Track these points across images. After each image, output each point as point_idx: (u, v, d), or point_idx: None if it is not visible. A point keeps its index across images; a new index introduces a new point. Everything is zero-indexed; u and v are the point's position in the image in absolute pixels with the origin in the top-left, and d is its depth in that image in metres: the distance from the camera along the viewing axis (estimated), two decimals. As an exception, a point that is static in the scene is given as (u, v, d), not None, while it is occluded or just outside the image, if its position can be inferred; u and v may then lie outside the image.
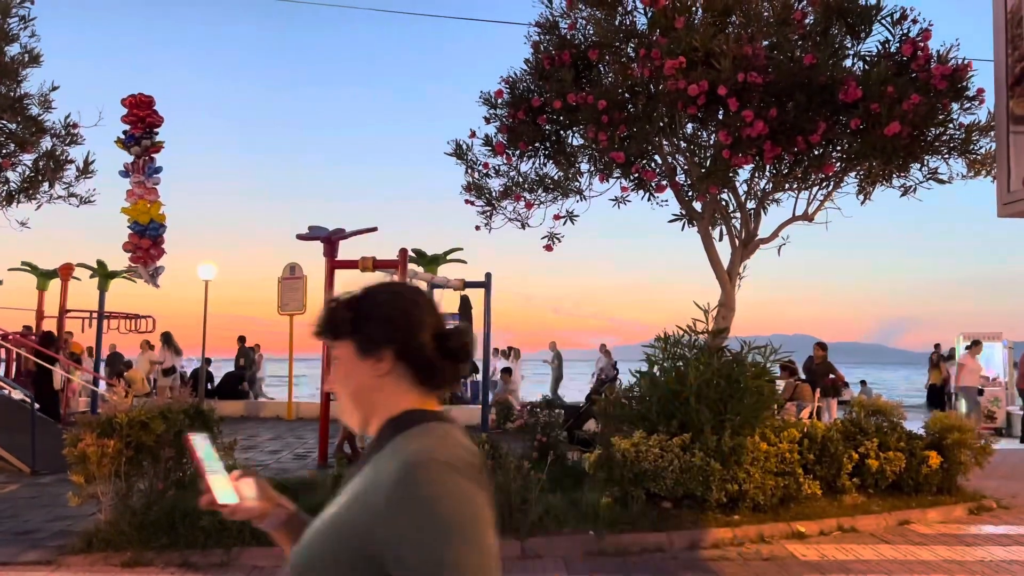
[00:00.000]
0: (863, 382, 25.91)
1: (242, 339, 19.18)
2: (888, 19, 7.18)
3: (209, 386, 18.01)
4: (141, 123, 17.24)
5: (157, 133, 17.77)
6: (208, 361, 18.16)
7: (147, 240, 16.37)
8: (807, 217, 8.45)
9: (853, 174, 8.24)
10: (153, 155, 17.45)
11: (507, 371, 17.84)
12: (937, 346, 19.78)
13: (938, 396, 18.87)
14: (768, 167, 7.97)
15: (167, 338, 16.32)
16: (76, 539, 6.29)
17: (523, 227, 9.11)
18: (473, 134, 8.82)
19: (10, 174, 9.09)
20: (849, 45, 7.53)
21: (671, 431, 7.29)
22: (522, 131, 8.46)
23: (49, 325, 16.58)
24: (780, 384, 10.72)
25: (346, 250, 11.18)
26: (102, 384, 16.04)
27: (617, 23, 7.96)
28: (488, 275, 14.46)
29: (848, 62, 7.59)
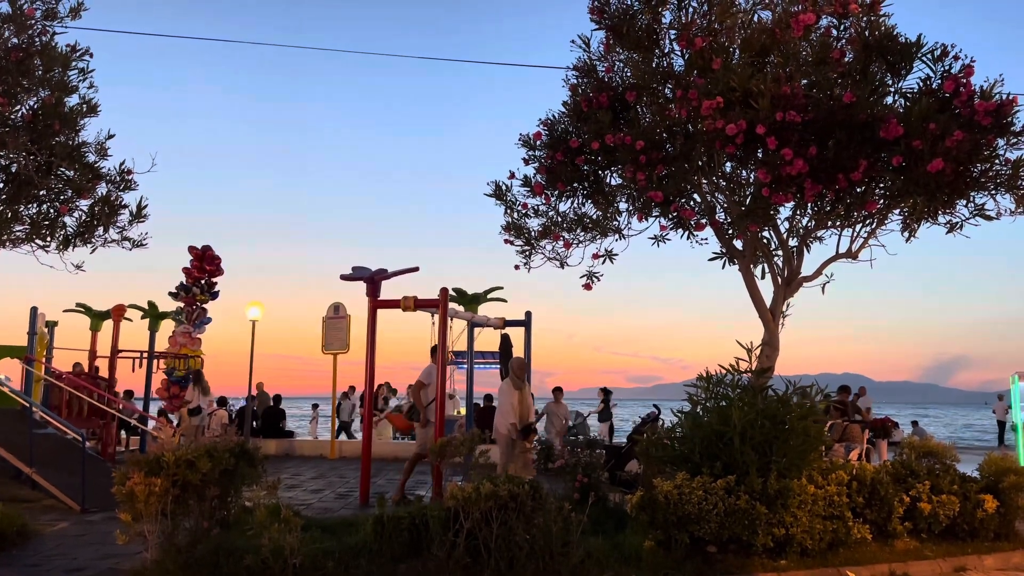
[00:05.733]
0: (915, 422, 25.24)
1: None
2: (929, 56, 7.13)
3: (255, 424, 18.23)
4: (201, 272, 18.44)
5: (215, 284, 18.99)
6: (253, 399, 18.41)
7: (177, 387, 17.21)
8: (851, 255, 8.34)
9: (897, 211, 8.14)
10: (204, 307, 18.62)
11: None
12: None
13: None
14: (810, 205, 7.92)
15: (197, 376, 16.39)
16: (123, 577, 6.39)
17: (562, 266, 9.15)
18: (512, 175, 8.94)
19: (67, 219, 9.43)
20: (889, 82, 7.49)
21: (715, 473, 7.16)
22: (560, 172, 8.55)
23: (101, 365, 17.00)
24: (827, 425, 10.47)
25: (388, 290, 11.32)
26: (150, 423, 16.37)
27: (654, 65, 8.05)
28: (528, 314, 14.47)
29: (889, 99, 7.54)
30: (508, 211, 9.14)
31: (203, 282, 18.73)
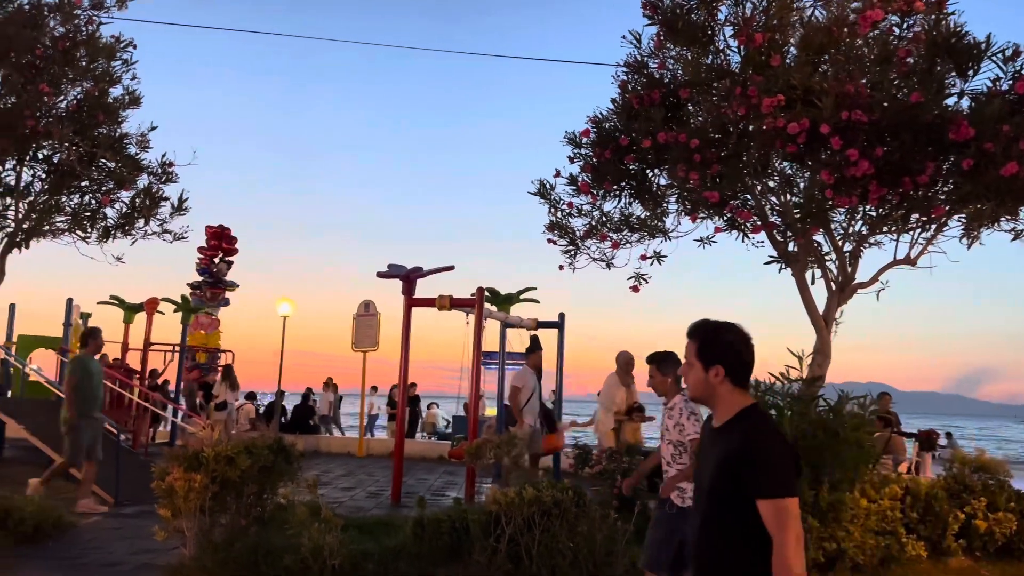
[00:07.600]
0: (948, 435, 24.69)
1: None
2: (999, 56, 6.83)
3: (283, 420, 18.22)
4: (216, 251, 19.25)
5: (231, 263, 19.86)
6: (282, 395, 18.40)
7: (197, 372, 17.74)
8: (910, 261, 8.03)
9: (957, 216, 7.83)
10: (226, 291, 19.39)
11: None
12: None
13: None
14: (867, 208, 7.64)
15: (227, 372, 16.41)
16: (160, 573, 6.30)
17: (608, 267, 8.95)
18: (558, 173, 8.74)
19: (108, 210, 9.40)
20: (955, 83, 7.19)
21: (764, 483, 6.94)
22: (607, 170, 8.34)
23: (133, 358, 17.06)
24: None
25: (423, 288, 11.22)
26: (181, 415, 16.38)
27: (709, 61, 7.82)
28: (562, 315, 14.26)
29: (951, 100, 7.25)
30: (552, 210, 8.95)
31: (217, 260, 19.43)
